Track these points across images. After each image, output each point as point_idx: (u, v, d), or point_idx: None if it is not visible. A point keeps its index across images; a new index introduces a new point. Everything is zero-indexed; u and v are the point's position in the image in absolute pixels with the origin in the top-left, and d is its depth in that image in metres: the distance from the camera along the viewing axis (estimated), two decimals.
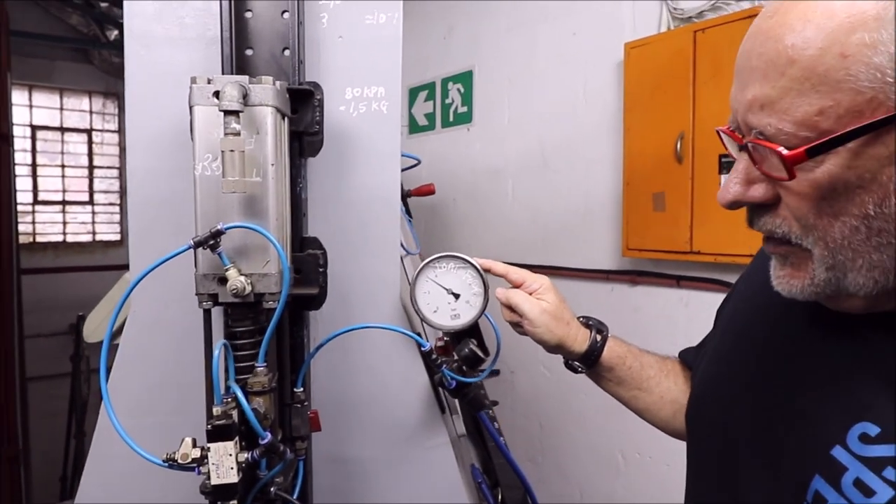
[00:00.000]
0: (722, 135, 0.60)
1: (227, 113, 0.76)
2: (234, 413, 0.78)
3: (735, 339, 0.78)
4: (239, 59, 0.97)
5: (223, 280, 0.82)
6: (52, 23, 5.99)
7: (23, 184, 6.29)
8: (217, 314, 0.87)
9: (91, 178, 7.15)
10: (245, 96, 0.79)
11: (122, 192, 7.29)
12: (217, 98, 0.79)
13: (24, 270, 4.17)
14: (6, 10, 3.60)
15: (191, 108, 0.82)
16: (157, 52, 1.01)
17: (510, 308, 0.96)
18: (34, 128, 6.61)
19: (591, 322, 1.01)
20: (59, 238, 6.91)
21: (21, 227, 6.09)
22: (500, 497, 1.50)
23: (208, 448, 0.76)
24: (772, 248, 0.59)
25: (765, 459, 0.62)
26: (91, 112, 7.15)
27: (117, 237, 7.30)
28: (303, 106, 0.95)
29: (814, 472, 0.55)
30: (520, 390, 3.16)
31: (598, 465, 2.76)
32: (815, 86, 0.48)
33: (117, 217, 7.32)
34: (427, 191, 1.78)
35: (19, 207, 5.97)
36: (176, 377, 0.99)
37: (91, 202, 7.14)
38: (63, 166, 6.97)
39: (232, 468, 0.76)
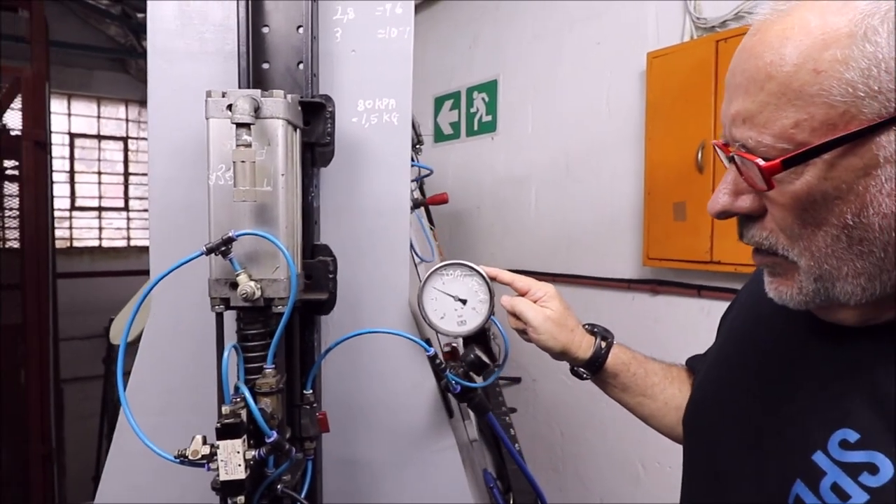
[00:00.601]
0: (716, 148, 0.62)
1: (238, 125, 0.80)
2: (243, 413, 0.81)
3: (734, 345, 0.79)
4: (256, 72, 1.01)
5: (234, 285, 0.85)
6: (91, 33, 6.19)
7: (61, 190, 6.50)
8: (231, 318, 0.91)
9: (126, 184, 7.35)
10: (257, 109, 0.83)
11: None
12: (230, 111, 0.82)
13: (61, 275, 4.32)
14: (46, 21, 3.76)
15: (206, 120, 0.86)
16: (178, 66, 1.05)
17: (515, 316, 0.98)
18: (72, 135, 6.83)
19: (595, 329, 1.02)
20: (95, 243, 7.11)
21: (59, 233, 6.30)
22: (511, 502, 1.51)
23: (217, 445, 0.79)
24: (759, 259, 0.61)
25: (751, 464, 0.64)
26: (127, 120, 7.36)
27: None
28: (315, 118, 0.98)
29: (795, 476, 0.57)
30: (542, 398, 3.16)
31: (618, 474, 2.74)
32: (791, 100, 0.50)
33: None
34: (441, 199, 1.81)
35: (58, 213, 6.18)
36: (193, 378, 1.03)
37: (126, 208, 7.33)
38: (100, 173, 7.18)
39: (240, 465, 0.79)
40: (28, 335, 3.52)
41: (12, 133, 3.42)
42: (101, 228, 7.14)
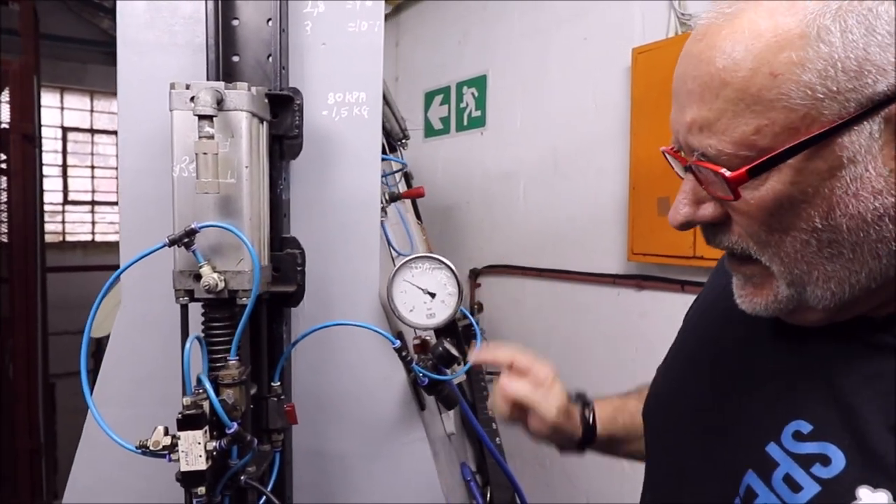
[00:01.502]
0: (667, 155, 0.61)
1: (201, 117, 0.80)
2: (205, 404, 0.81)
3: (695, 339, 0.79)
4: (226, 65, 1.01)
5: (198, 277, 0.85)
6: (84, 27, 6.16)
7: (53, 184, 6.48)
8: (198, 310, 0.91)
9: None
10: (220, 101, 0.83)
11: None
12: (192, 102, 0.82)
13: (50, 269, 4.30)
14: (36, 15, 3.74)
15: (170, 112, 0.86)
16: (148, 58, 1.05)
17: (517, 405, 0.88)
18: (65, 129, 6.80)
19: (570, 394, 0.94)
20: (88, 237, 7.09)
21: (51, 227, 6.28)
22: (489, 495, 1.52)
23: (178, 436, 0.79)
24: (736, 265, 0.59)
25: (707, 455, 0.64)
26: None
27: None
28: (283, 110, 0.99)
29: (747, 467, 0.57)
30: None
31: (604, 471, 2.75)
32: (750, 105, 0.49)
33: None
34: (417, 193, 1.82)
35: (50, 207, 6.16)
36: (162, 370, 1.03)
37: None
38: (93, 167, 7.15)
39: (200, 456, 0.79)
40: (16, 329, 3.51)
41: (1, 126, 3.41)
42: (94, 223, 7.12)
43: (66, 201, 6.86)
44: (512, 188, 3.23)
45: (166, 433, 0.81)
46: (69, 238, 6.87)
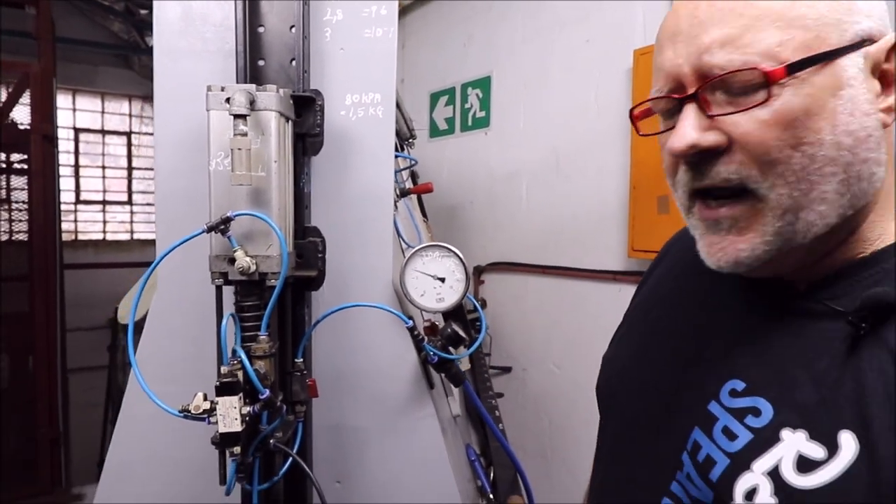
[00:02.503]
0: (651, 103, 0.66)
1: (236, 116, 0.90)
2: (239, 373, 0.91)
3: (642, 314, 0.85)
4: (252, 68, 1.10)
5: (232, 260, 0.95)
6: (95, 30, 6.27)
7: (66, 184, 6.59)
8: (230, 293, 1.00)
9: (130, 178, 7.44)
10: (252, 102, 0.93)
11: None
12: (228, 104, 0.92)
13: (67, 265, 4.42)
14: (52, 19, 3.85)
15: (207, 112, 0.96)
16: (181, 63, 1.15)
17: None
18: (77, 130, 6.91)
19: None
20: (100, 236, 7.21)
21: (64, 226, 6.40)
22: (492, 475, 1.61)
23: (216, 401, 0.89)
24: (724, 211, 0.60)
25: (660, 419, 0.70)
26: (130, 115, 7.45)
27: (153, 236, 7.57)
28: (306, 110, 1.08)
29: (694, 424, 0.64)
30: (530, 388, 3.25)
31: None
32: (774, 21, 0.56)
33: (154, 217, 7.61)
34: (426, 189, 1.91)
35: (63, 206, 6.28)
36: (196, 349, 1.13)
37: (130, 202, 7.43)
38: (104, 167, 7.27)
39: (236, 419, 0.88)
40: (37, 324, 3.62)
41: (21, 127, 3.52)
42: (105, 222, 7.23)
43: (78, 200, 6.98)
44: (515, 187, 3.32)
45: (205, 399, 0.90)
46: (81, 237, 6.99)
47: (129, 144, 7.43)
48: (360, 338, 1.19)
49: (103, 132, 7.31)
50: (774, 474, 0.55)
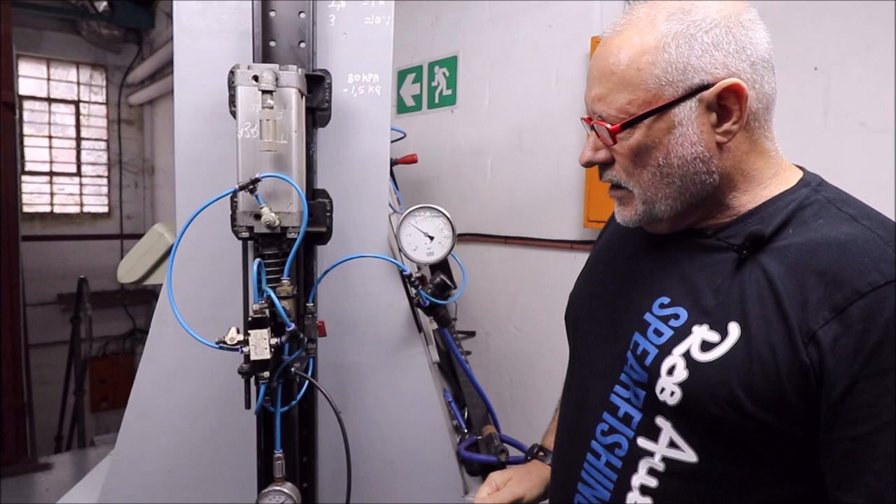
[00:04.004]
0: (582, 120, 0.91)
1: (264, 92, 1.05)
2: (267, 311, 1.07)
3: (597, 260, 1.11)
4: (265, 49, 1.24)
5: (257, 216, 1.10)
6: None
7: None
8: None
9: (79, 149, 7.25)
10: (276, 80, 1.08)
11: (110, 165, 7.41)
12: (255, 81, 1.07)
13: (26, 237, 4.38)
14: None
15: (234, 87, 1.10)
16: (199, 41, 1.28)
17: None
18: (20, 97, 6.67)
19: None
20: (47, 209, 7.01)
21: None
22: (466, 414, 1.82)
23: (249, 334, 1.05)
24: (613, 193, 0.90)
25: (610, 332, 0.94)
26: (79, 83, 7.23)
27: (105, 209, 7.40)
28: (316, 87, 1.23)
29: (633, 330, 0.88)
30: (493, 349, 3.48)
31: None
32: (626, 87, 0.80)
33: (105, 189, 7.40)
34: (410, 160, 2.08)
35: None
36: (211, 299, 1.29)
37: (79, 174, 7.24)
38: (50, 137, 7.06)
39: (265, 349, 1.05)
40: (1, 296, 3.62)
41: None
42: (52, 194, 7.05)
43: (23, 171, 6.75)
44: (480, 163, 3.51)
45: (238, 332, 1.07)
46: (27, 209, 6.77)
47: (78, 114, 7.22)
48: (358, 286, 1.36)
49: (49, 100, 7.08)
50: (686, 355, 0.79)
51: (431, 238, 1.30)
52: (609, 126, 0.82)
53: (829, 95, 2.07)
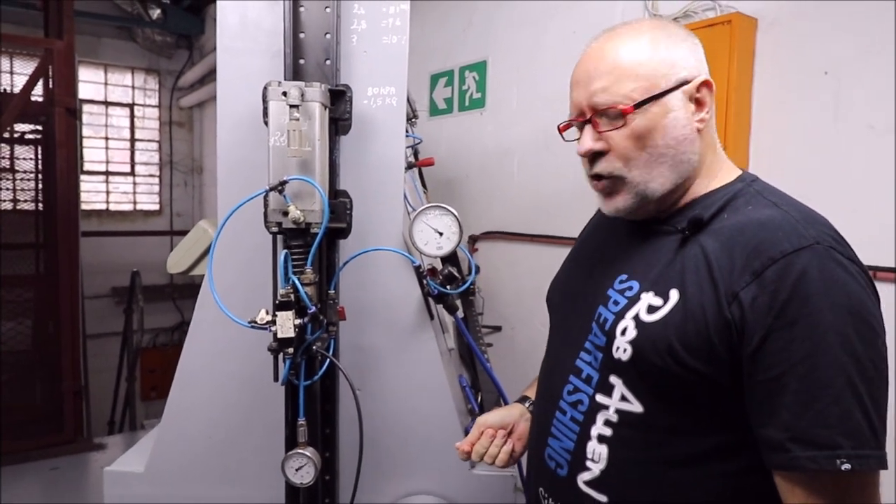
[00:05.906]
0: (562, 126, 1.05)
1: (291, 106, 1.21)
2: (292, 295, 1.24)
3: (577, 249, 1.24)
4: (295, 66, 1.41)
5: (285, 213, 1.27)
6: (98, 1, 6.34)
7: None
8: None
9: (133, 150, 7.64)
10: (302, 95, 1.24)
11: (161, 165, 7.80)
12: (285, 96, 1.23)
13: (86, 233, 4.71)
14: None
15: (266, 101, 1.27)
16: (239, 59, 1.46)
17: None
18: (81, 101, 7.06)
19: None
20: (103, 206, 7.41)
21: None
22: (479, 398, 1.96)
23: (276, 315, 1.22)
24: (600, 185, 0.99)
25: (581, 308, 1.07)
26: (133, 87, 7.61)
27: (156, 207, 7.78)
28: (338, 100, 1.39)
29: (598, 304, 1.01)
30: (518, 345, 3.61)
31: None
32: (629, 77, 0.93)
33: (156, 188, 7.79)
34: (428, 162, 2.24)
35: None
36: (244, 288, 1.47)
37: (133, 173, 7.63)
38: (107, 138, 7.45)
39: (290, 328, 1.22)
40: (61, 287, 3.92)
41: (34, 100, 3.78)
42: (108, 192, 7.43)
43: (81, 171, 7.13)
44: (507, 163, 3.63)
45: (267, 313, 1.23)
46: (84, 207, 7.17)
47: (132, 116, 7.60)
48: (375, 277, 1.52)
49: (106, 103, 7.45)
50: (636, 317, 0.93)
51: (441, 234, 1.45)
52: (623, 106, 0.92)
53: (839, 99, 2.13)
